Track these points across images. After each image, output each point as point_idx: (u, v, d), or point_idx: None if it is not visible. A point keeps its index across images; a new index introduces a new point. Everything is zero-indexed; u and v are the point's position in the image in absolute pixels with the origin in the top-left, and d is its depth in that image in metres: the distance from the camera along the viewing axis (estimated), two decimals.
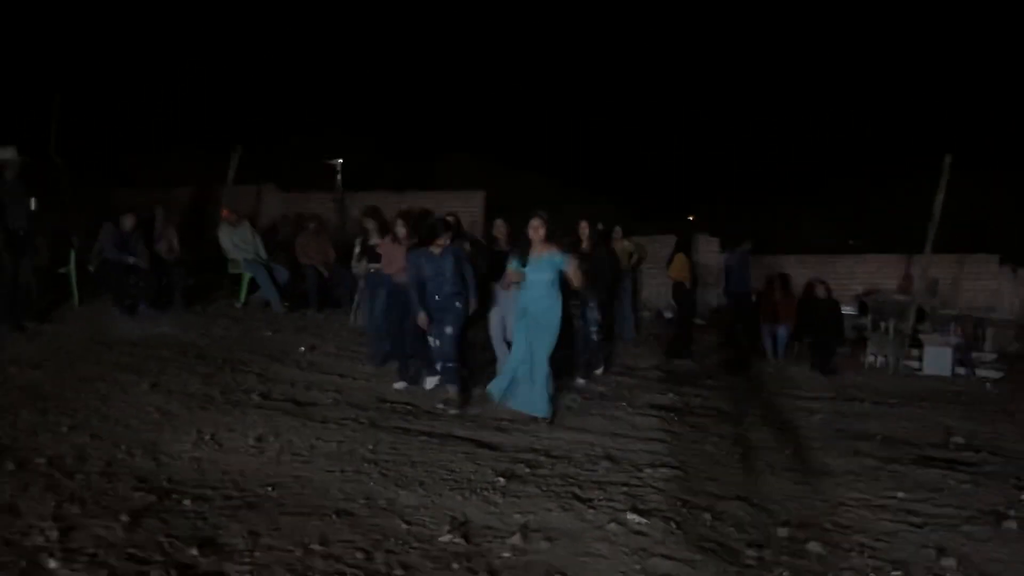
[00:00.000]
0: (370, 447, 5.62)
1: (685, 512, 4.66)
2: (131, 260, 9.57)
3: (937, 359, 11.62)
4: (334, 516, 4.38)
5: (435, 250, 7.09)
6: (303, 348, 8.79)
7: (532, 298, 6.62)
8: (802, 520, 4.62)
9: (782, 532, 4.41)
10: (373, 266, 8.25)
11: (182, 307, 10.16)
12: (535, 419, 6.54)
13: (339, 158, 15.75)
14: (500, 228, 8.43)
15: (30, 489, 4.44)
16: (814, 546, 4.22)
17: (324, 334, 9.60)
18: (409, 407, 6.94)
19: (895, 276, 14.91)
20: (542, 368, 6.55)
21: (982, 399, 9.45)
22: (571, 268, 6.56)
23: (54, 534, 3.85)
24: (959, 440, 6.90)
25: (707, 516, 4.60)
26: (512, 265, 6.72)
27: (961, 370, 11.50)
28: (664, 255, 11.64)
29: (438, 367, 7.29)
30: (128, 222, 9.68)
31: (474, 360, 7.97)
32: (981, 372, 11.50)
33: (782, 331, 11.72)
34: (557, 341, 6.65)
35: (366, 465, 5.25)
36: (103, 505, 4.31)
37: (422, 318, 7.10)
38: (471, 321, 7.49)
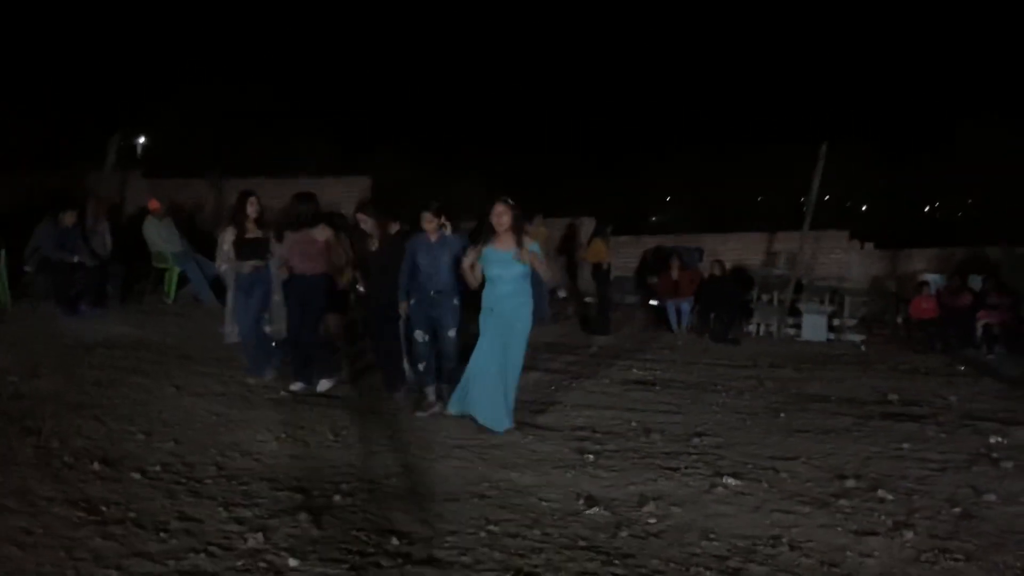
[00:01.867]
0: (443, 434, 5.94)
1: (763, 473, 5.35)
2: (75, 259, 9.14)
3: (814, 326, 13.15)
4: (476, 500, 4.73)
5: (431, 237, 6.57)
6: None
7: (500, 296, 5.99)
8: (855, 472, 5.45)
9: (850, 483, 5.20)
10: (253, 264, 7.24)
11: (119, 304, 9.80)
12: (488, 430, 5.98)
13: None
14: (366, 222, 7.28)
15: (180, 496, 4.49)
16: (883, 492, 5.03)
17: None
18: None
19: (757, 252, 16.39)
20: (515, 376, 6.08)
21: (868, 359, 10.86)
22: (541, 259, 6.08)
23: (259, 536, 3.98)
24: (895, 397, 8.04)
25: (784, 475, 5.32)
26: (471, 256, 6.09)
27: (831, 335, 13.11)
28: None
29: (420, 367, 6.75)
30: (68, 219, 9.23)
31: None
32: (847, 336, 13.14)
33: (684, 306, 12.82)
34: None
35: (457, 451, 5.58)
36: (262, 506, 4.44)
37: (403, 307, 6.67)
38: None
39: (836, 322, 13.53)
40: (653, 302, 13.72)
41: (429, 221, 6.58)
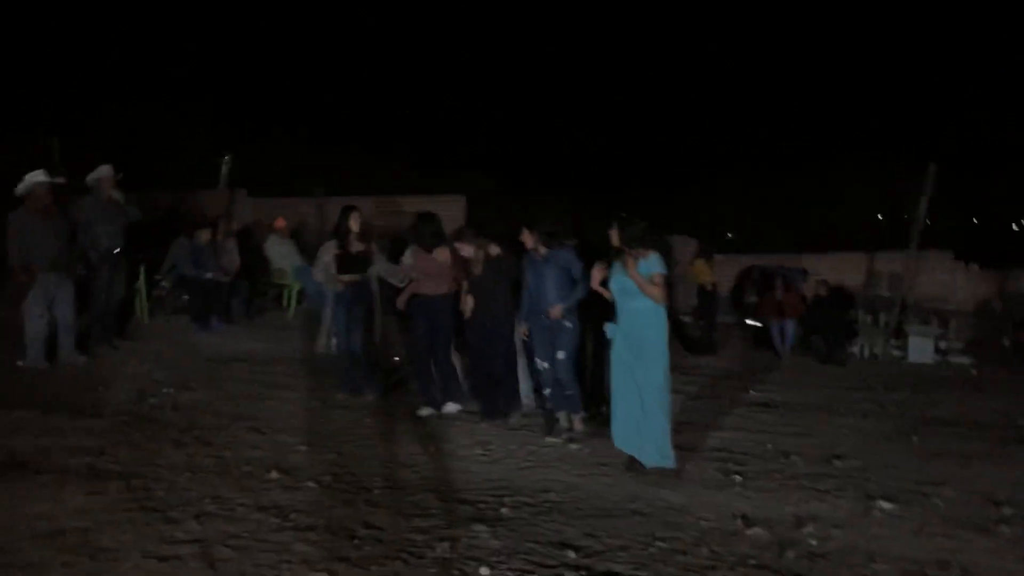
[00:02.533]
0: (585, 450, 6.10)
1: (914, 497, 5.35)
2: (209, 275, 9.57)
3: (921, 348, 12.95)
4: (637, 517, 4.84)
5: (538, 254, 6.49)
6: (396, 358, 9.07)
7: (632, 321, 5.57)
8: (1007, 498, 5.41)
9: (1007, 511, 5.16)
10: (350, 278, 7.25)
11: (245, 319, 10.21)
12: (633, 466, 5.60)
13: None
14: (466, 248, 7.11)
15: (358, 505, 4.70)
16: None
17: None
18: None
19: (856, 272, 16.17)
20: (655, 401, 5.45)
21: (981, 382, 10.67)
22: (656, 281, 5.50)
23: (445, 545, 4.17)
24: (1022, 422, 7.92)
25: (936, 500, 5.31)
26: (605, 267, 5.86)
27: (938, 357, 12.90)
28: None
29: (546, 393, 6.64)
30: (204, 236, 9.68)
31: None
32: (954, 359, 12.91)
33: (789, 327, 12.73)
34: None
35: (602, 467, 5.72)
36: (436, 516, 4.63)
37: (520, 329, 6.67)
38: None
39: (942, 344, 13.30)
40: (752, 322, 13.68)
41: (527, 237, 6.59)
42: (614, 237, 5.62)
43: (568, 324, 6.38)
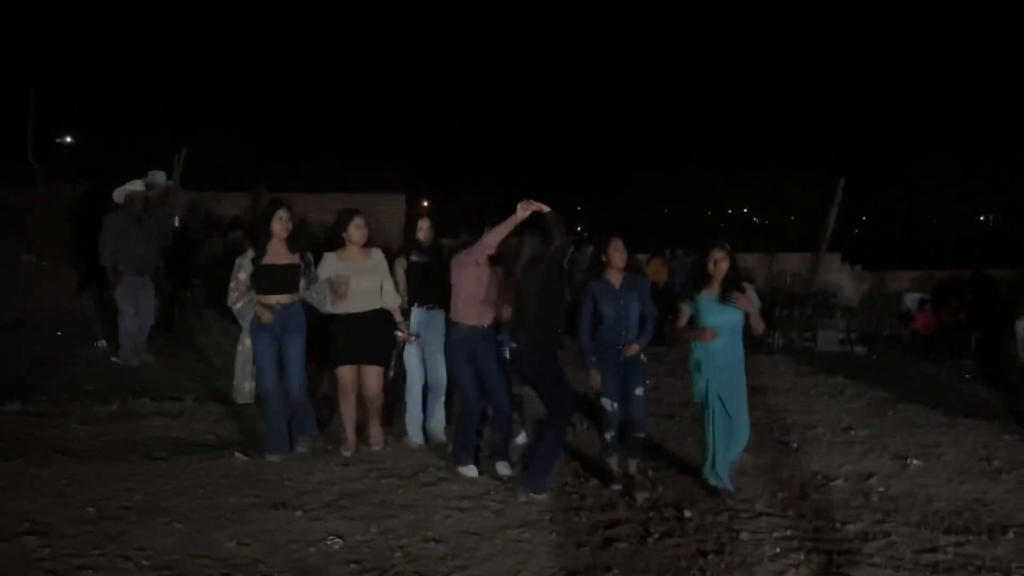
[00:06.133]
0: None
1: (927, 456, 6.83)
2: None
3: (828, 339, 15.00)
4: (744, 477, 6.16)
5: (614, 279, 5.78)
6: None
7: (718, 348, 5.58)
8: (993, 455, 7.06)
9: (996, 463, 6.78)
10: (277, 300, 5.92)
11: None
12: (716, 492, 5.66)
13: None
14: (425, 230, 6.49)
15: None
16: None
17: None
18: None
19: (759, 269, 18.20)
20: (739, 436, 5.70)
21: (896, 367, 12.63)
22: (754, 310, 5.61)
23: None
24: (952, 398, 9.77)
25: (947, 457, 6.86)
26: (686, 306, 5.75)
27: (843, 346, 15.01)
28: None
29: (608, 437, 5.81)
30: (237, 236, 10.23)
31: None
32: (856, 348, 15.05)
33: None
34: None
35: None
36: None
37: (595, 378, 5.70)
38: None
39: (842, 336, 15.42)
40: None
41: (621, 252, 5.79)
42: (723, 267, 5.57)
43: (643, 358, 5.82)
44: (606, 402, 5.75)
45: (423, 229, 6.45)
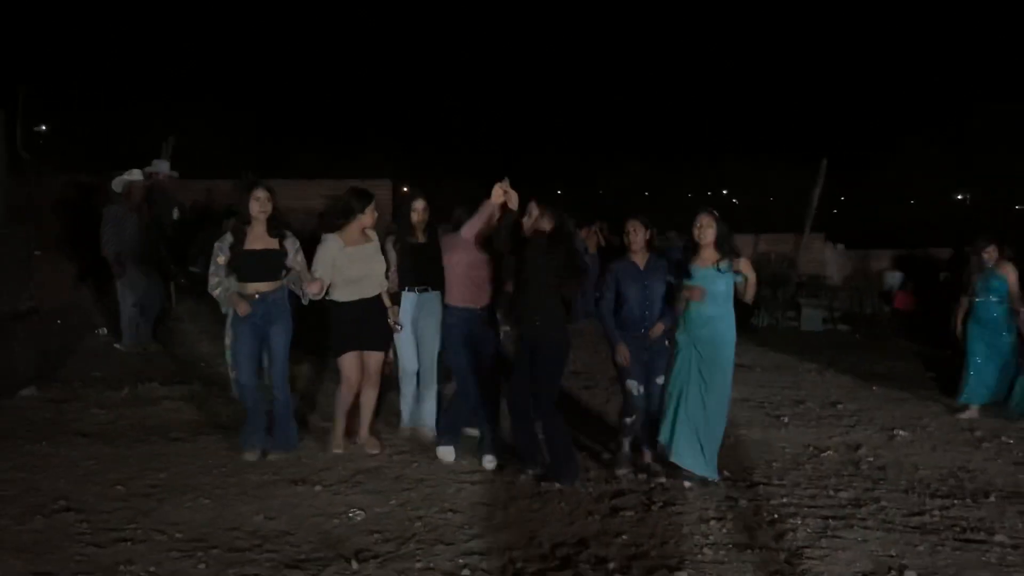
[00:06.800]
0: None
1: (911, 427, 7.16)
2: None
3: (812, 318, 15.34)
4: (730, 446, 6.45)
5: (638, 259, 5.67)
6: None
7: (703, 321, 5.46)
8: (976, 427, 7.37)
9: (978, 434, 7.07)
10: (256, 289, 5.67)
11: None
12: (704, 481, 5.51)
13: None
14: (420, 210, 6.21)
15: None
16: (1005, 438, 7.00)
17: None
18: None
19: (744, 249, 18.48)
20: (720, 417, 5.56)
21: (879, 345, 12.96)
22: (751, 278, 5.54)
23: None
24: (932, 375, 10.10)
25: (930, 430, 7.16)
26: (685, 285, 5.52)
27: (827, 326, 15.36)
28: None
29: (628, 421, 5.78)
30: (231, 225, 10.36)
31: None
32: (840, 327, 15.40)
33: None
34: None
35: None
36: None
37: (623, 352, 5.60)
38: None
39: (825, 315, 15.77)
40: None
41: (640, 233, 5.68)
42: (708, 233, 5.46)
43: (667, 343, 5.71)
44: (632, 384, 5.65)
45: (418, 210, 6.16)
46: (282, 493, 5.18)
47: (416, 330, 6.28)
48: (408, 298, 6.21)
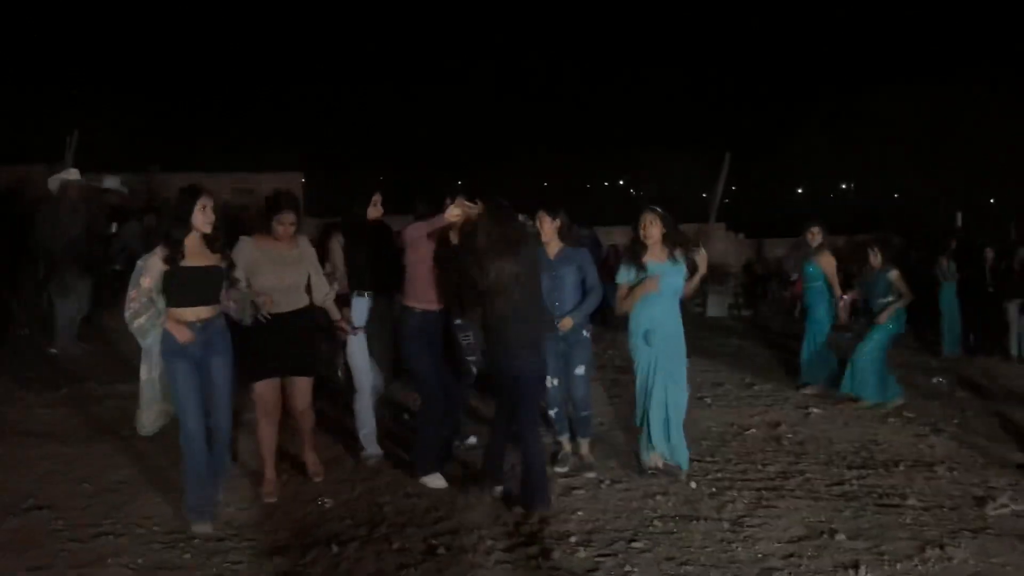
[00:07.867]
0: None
1: (823, 405, 7.78)
2: None
3: (718, 304, 16.11)
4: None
5: (549, 249, 5.59)
6: None
7: (657, 315, 5.48)
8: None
9: (889, 407, 7.76)
10: (191, 313, 4.56)
11: None
12: (669, 470, 5.64)
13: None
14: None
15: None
16: (910, 413, 7.67)
17: None
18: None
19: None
20: (681, 404, 5.65)
21: (777, 330, 13.78)
22: (702, 269, 5.66)
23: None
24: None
25: (840, 407, 7.82)
26: (626, 277, 5.53)
27: (731, 311, 16.16)
28: None
29: (552, 414, 5.86)
30: (152, 220, 10.24)
31: None
32: (742, 312, 16.22)
33: None
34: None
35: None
36: None
37: (566, 322, 5.48)
38: None
39: (730, 301, 16.57)
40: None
41: (545, 223, 5.59)
42: (653, 231, 5.46)
43: (586, 334, 5.70)
44: (548, 381, 5.53)
45: (376, 204, 5.58)
46: (248, 485, 5.33)
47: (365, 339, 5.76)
48: (359, 303, 5.71)
